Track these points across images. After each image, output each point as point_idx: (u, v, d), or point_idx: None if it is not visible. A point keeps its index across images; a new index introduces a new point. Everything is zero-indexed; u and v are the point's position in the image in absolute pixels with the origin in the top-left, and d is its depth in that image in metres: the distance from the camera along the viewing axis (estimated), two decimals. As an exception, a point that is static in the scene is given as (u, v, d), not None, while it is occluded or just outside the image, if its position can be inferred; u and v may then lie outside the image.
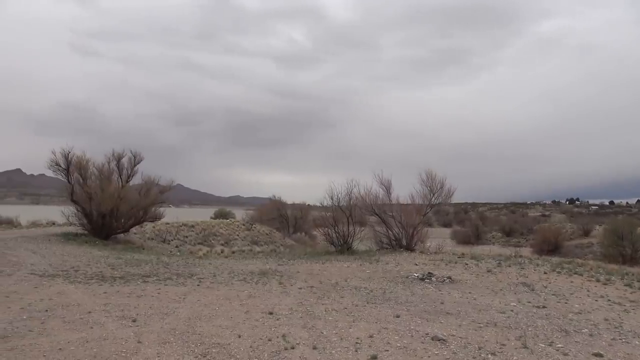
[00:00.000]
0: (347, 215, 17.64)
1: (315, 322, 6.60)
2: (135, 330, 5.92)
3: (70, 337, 5.59)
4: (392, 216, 18.41)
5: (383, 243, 18.53)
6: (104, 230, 19.42)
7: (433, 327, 6.47)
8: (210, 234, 28.98)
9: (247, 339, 5.66)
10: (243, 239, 30.74)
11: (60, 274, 10.28)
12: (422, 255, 16.14)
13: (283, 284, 9.81)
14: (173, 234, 25.77)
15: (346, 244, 17.43)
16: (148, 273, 10.87)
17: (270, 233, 35.07)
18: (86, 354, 4.99)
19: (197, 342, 5.53)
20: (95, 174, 20.13)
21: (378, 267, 12.93)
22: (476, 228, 61.76)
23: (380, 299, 8.47)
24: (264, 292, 8.89)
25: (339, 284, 9.91)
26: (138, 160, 21.34)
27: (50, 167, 19.27)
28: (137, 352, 5.09)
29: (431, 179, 18.61)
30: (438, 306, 7.97)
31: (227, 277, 10.66)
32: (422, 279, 10.80)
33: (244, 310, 7.21)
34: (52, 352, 5.04)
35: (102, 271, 10.93)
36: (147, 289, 8.86)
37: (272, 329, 6.18)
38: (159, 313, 6.91)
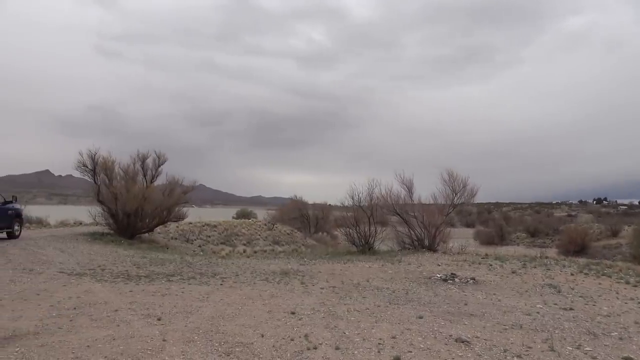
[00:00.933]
0: (368, 215, 17.57)
1: (337, 322, 6.60)
2: (160, 329, 6.02)
3: (97, 334, 5.71)
4: (414, 216, 18.27)
5: (405, 243, 18.40)
6: (129, 230, 19.79)
7: (457, 329, 6.40)
8: (233, 234, 29.26)
9: (270, 339, 5.70)
10: (265, 239, 30.93)
11: (87, 272, 10.53)
12: (445, 256, 15.97)
13: (305, 284, 9.84)
14: (196, 234, 26.12)
15: (368, 244, 17.37)
16: (172, 272, 11.04)
17: (291, 233, 35.22)
18: (113, 352, 5.09)
19: (221, 340, 5.59)
20: (121, 175, 20.53)
21: (400, 267, 12.85)
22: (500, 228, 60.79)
23: (402, 299, 8.42)
24: (286, 291, 8.93)
25: (361, 285, 9.89)
26: (162, 161, 21.69)
27: (78, 168, 19.74)
28: (163, 350, 5.17)
29: (453, 178, 18.40)
30: (462, 307, 7.88)
31: (249, 276, 10.74)
32: (445, 279, 10.69)
33: (266, 310, 7.26)
34: (80, 349, 5.16)
35: (128, 270, 11.14)
36: (171, 287, 9.00)
37: (294, 328, 6.20)
38: (183, 312, 7.01)
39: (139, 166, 21.08)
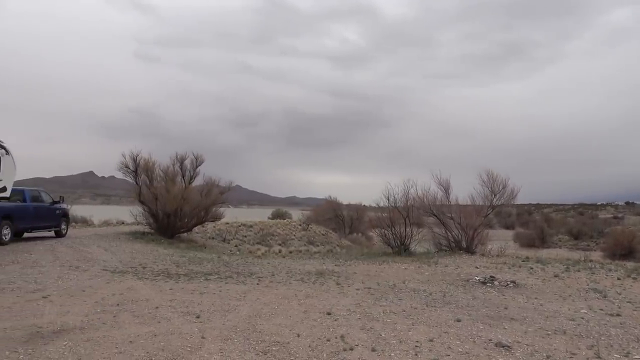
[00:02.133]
0: (404, 216, 17.39)
1: (373, 323, 6.56)
2: (199, 326, 6.15)
3: (139, 330, 5.89)
4: (450, 217, 17.97)
5: (441, 245, 18.12)
6: (169, 230, 20.33)
7: (496, 333, 6.24)
8: (268, 234, 29.57)
9: (306, 339, 5.72)
10: (299, 239, 31.10)
11: (129, 270, 10.87)
12: (483, 258, 15.62)
13: (340, 284, 9.83)
14: (232, 234, 26.55)
15: (403, 245, 17.19)
16: (210, 271, 11.26)
17: (326, 233, 35.26)
18: (154, 347, 5.24)
19: (258, 339, 5.66)
20: (161, 176, 21.13)
21: (437, 269, 12.66)
22: (541, 230, 58.80)
23: (439, 302, 8.28)
24: (322, 292, 8.94)
25: (397, 286, 9.79)
26: (200, 162, 22.17)
27: (120, 169, 20.47)
28: (202, 347, 5.28)
29: (492, 179, 17.98)
30: (501, 311, 7.68)
31: (285, 276, 10.83)
32: (484, 282, 10.44)
33: (302, 310, 7.29)
34: (123, 344, 5.33)
35: (168, 268, 11.44)
36: (209, 286, 9.18)
37: (330, 329, 6.20)
38: (221, 310, 7.13)
39: (177, 167, 21.63)
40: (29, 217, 15.70)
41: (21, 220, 15.28)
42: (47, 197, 17.43)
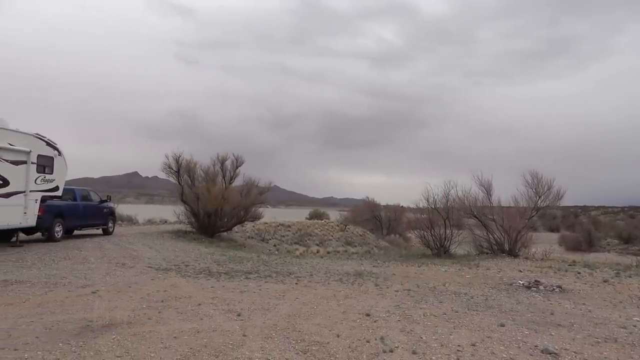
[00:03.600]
0: (444, 217, 17.09)
1: (413, 326, 6.47)
2: (240, 324, 6.25)
3: (183, 326, 6.05)
4: (492, 219, 17.52)
5: (483, 247, 17.70)
6: (210, 229, 20.79)
7: (542, 339, 6.03)
8: (306, 234, 29.71)
9: (346, 339, 5.71)
10: (337, 240, 31.10)
11: (172, 268, 11.18)
12: (527, 262, 15.15)
13: (379, 285, 9.77)
14: (271, 234, 26.83)
15: (443, 247, 16.90)
16: (250, 270, 11.43)
17: (363, 234, 35.11)
18: (198, 344, 5.36)
19: (298, 339, 5.69)
20: (202, 176, 21.64)
21: (478, 272, 12.37)
22: (588, 233, 56.35)
23: (482, 306, 8.08)
24: (360, 293, 8.91)
25: (437, 289, 9.63)
26: (240, 163, 22.56)
27: (164, 170, 21.09)
28: (243, 345, 5.37)
29: (537, 180, 17.41)
30: (547, 317, 7.42)
31: (323, 276, 10.85)
32: (528, 287, 10.12)
33: (341, 310, 7.29)
34: (168, 339, 5.48)
35: (209, 267, 11.69)
36: (249, 285, 9.32)
37: (369, 330, 6.17)
38: (261, 309, 7.22)
39: (218, 168, 22.10)
40: (78, 215, 16.42)
41: (72, 218, 15.99)
42: (96, 196, 18.18)
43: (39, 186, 13.87)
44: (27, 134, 13.54)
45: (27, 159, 13.31)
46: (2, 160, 12.32)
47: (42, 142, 14.10)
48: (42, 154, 13.97)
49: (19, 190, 13.02)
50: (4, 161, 12.39)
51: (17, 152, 12.93)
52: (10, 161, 12.66)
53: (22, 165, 13.13)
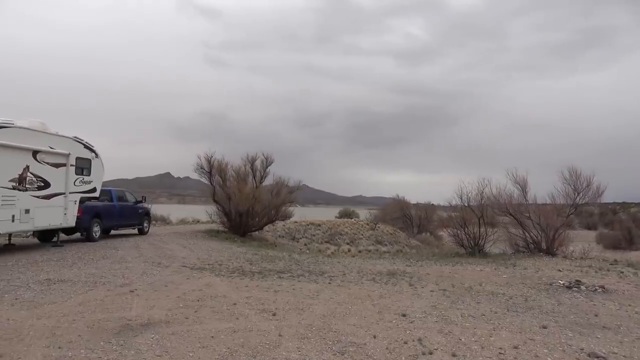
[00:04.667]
0: (478, 215, 16.73)
1: (451, 327, 6.33)
2: (275, 324, 6.24)
3: (219, 326, 6.09)
4: (528, 217, 17.05)
5: (519, 246, 17.26)
6: (241, 228, 21.00)
7: (588, 342, 5.80)
8: (336, 233, 29.69)
9: (383, 340, 5.63)
10: (368, 239, 30.95)
11: (207, 267, 11.31)
12: (566, 261, 14.68)
13: (413, 285, 9.62)
14: (301, 232, 26.93)
15: (477, 246, 16.55)
16: (282, 269, 11.45)
17: (394, 233, 34.83)
18: (235, 343, 5.38)
19: (334, 339, 5.64)
20: (233, 176, 21.88)
21: (515, 272, 12.04)
22: (628, 231, 54.29)
23: (521, 307, 7.85)
24: (395, 293, 8.79)
25: (473, 289, 9.41)
26: (269, 163, 22.72)
27: (196, 170, 21.44)
28: (279, 345, 5.35)
29: (575, 176, 16.83)
30: (591, 318, 7.14)
31: (356, 276, 10.77)
32: (569, 287, 9.78)
33: (376, 311, 7.20)
34: (205, 339, 5.53)
35: (242, 266, 11.78)
36: (282, 284, 9.33)
37: (406, 331, 6.06)
38: (296, 308, 7.21)
39: (249, 168, 22.31)
40: (115, 215, 16.84)
41: (109, 219, 16.41)
42: (131, 197, 18.60)
43: (78, 188, 14.29)
44: (66, 137, 13.95)
45: (67, 162, 13.73)
46: (43, 163, 12.74)
47: (80, 145, 14.52)
48: (80, 156, 14.38)
49: (59, 191, 13.44)
50: (45, 164, 12.81)
51: (57, 155, 13.34)
52: (51, 164, 13.08)
53: (61, 168, 13.54)
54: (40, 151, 12.61)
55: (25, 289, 7.99)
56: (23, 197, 12.04)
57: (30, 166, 12.30)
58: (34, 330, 5.63)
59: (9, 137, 11.54)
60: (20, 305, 6.85)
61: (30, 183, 12.30)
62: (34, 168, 12.43)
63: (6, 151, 11.44)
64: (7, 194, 11.52)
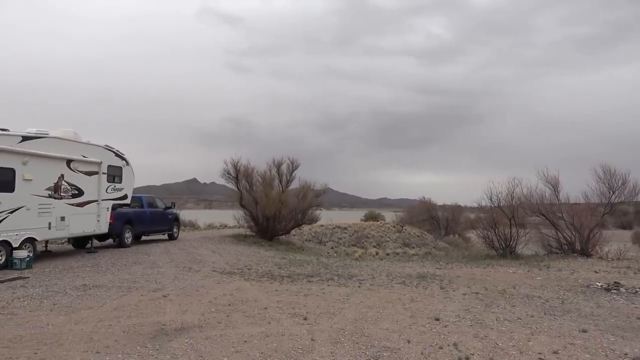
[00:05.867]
0: (508, 216, 16.39)
1: (487, 331, 6.19)
2: (307, 328, 6.22)
3: (252, 330, 6.11)
4: (561, 217, 16.62)
5: (552, 247, 16.85)
6: (268, 232, 21.11)
7: (632, 347, 5.58)
8: (363, 236, 29.54)
9: (417, 345, 5.54)
10: (394, 241, 30.70)
11: (236, 271, 11.40)
12: (602, 262, 14.25)
13: (445, 288, 9.47)
14: (328, 236, 26.88)
15: (509, 247, 16.20)
16: (311, 273, 11.44)
17: (421, 235, 34.45)
18: (268, 348, 5.38)
19: (367, 344, 5.58)
20: (260, 181, 22.01)
21: (550, 273, 11.73)
22: (666, 231, 52.28)
23: (558, 310, 7.63)
24: (426, 296, 8.67)
25: (507, 292, 9.20)
26: (295, 167, 22.77)
27: (223, 175, 21.67)
28: (313, 350, 5.33)
29: (610, 174, 16.34)
30: (633, 322, 6.88)
31: (385, 279, 10.67)
32: (608, 289, 9.46)
33: (408, 315, 7.11)
34: (239, 343, 5.55)
35: (271, 270, 11.82)
36: (312, 288, 9.31)
37: (441, 336, 5.96)
38: (327, 312, 7.17)
39: (275, 172, 22.41)
40: (146, 221, 17.16)
41: (139, 225, 16.74)
42: (161, 203, 18.94)
43: (110, 195, 14.63)
44: (98, 146, 14.32)
45: (99, 170, 14.08)
46: (76, 172, 13.09)
47: (112, 153, 14.87)
48: (111, 164, 14.73)
49: (92, 199, 13.78)
50: (78, 172, 13.17)
51: (90, 163, 13.70)
52: (84, 172, 13.44)
53: (94, 176, 13.89)
54: (74, 160, 12.98)
55: (63, 294, 8.21)
56: (58, 205, 12.40)
57: (65, 175, 12.66)
58: (72, 335, 5.76)
59: (44, 147, 11.91)
60: (59, 311, 7.03)
61: (65, 191, 12.66)
62: (68, 176, 12.79)
63: (42, 161, 11.81)
64: (44, 202, 11.88)
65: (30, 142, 11.50)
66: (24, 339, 5.57)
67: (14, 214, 10.96)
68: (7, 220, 10.78)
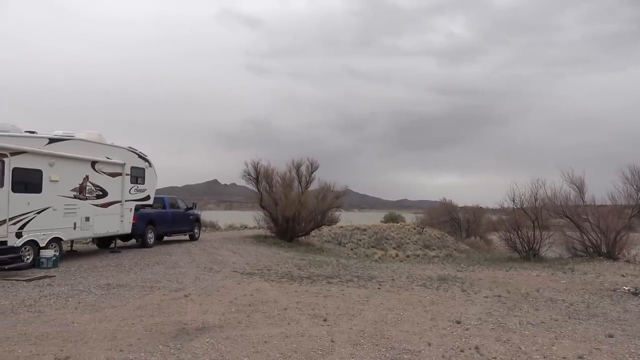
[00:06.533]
0: (532, 218, 16.09)
1: (509, 335, 6.09)
2: (327, 330, 6.22)
3: (272, 331, 6.13)
4: (586, 219, 16.24)
5: (576, 250, 16.47)
6: (288, 233, 21.18)
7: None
8: (382, 238, 29.40)
9: (438, 348, 5.48)
10: (415, 243, 30.47)
11: (256, 272, 11.46)
12: (629, 265, 13.89)
13: (466, 291, 9.35)
14: (348, 237, 26.83)
15: (532, 250, 15.91)
16: (330, 274, 11.43)
17: (442, 237, 34.13)
18: (288, 349, 5.40)
19: (387, 346, 5.55)
20: (279, 182, 22.12)
21: (574, 277, 11.49)
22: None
23: (583, 314, 7.46)
24: (447, 299, 8.57)
25: (530, 295, 9.04)
26: (315, 168, 22.82)
27: (243, 177, 21.84)
28: (332, 351, 5.32)
29: (638, 175, 15.91)
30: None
31: (405, 281, 10.60)
32: (635, 293, 9.21)
33: (428, 317, 7.04)
34: (259, 344, 5.58)
35: (291, 271, 11.85)
36: (331, 289, 9.30)
37: (462, 339, 5.88)
38: (346, 314, 7.16)
39: (294, 173, 22.50)
40: (168, 222, 17.40)
41: (162, 225, 16.98)
42: (183, 204, 19.17)
43: (133, 196, 14.88)
44: (121, 148, 14.58)
45: (122, 171, 14.34)
46: (101, 173, 13.36)
47: (135, 155, 15.13)
48: (134, 165, 14.99)
49: (116, 200, 14.04)
50: (102, 173, 13.43)
51: (114, 164, 13.96)
52: (108, 173, 13.70)
53: (118, 177, 14.16)
54: (98, 161, 13.24)
55: (87, 293, 8.38)
56: (83, 206, 12.67)
57: (90, 176, 12.93)
58: (96, 333, 5.87)
59: (69, 149, 12.19)
60: (83, 309, 7.18)
61: (89, 192, 12.93)
62: (93, 178, 13.06)
63: (68, 162, 12.09)
64: (70, 203, 12.16)
65: (56, 144, 11.79)
66: (50, 336, 5.71)
67: (41, 215, 11.24)
68: (34, 221, 11.06)
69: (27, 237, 10.87)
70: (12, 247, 10.53)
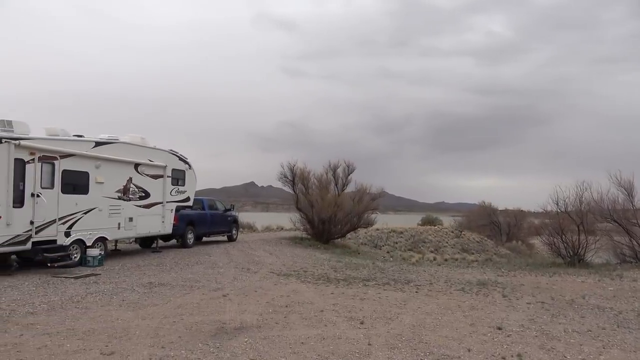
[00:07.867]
0: (577, 222, 15.50)
1: (554, 343, 5.88)
2: (364, 332, 6.19)
3: (309, 332, 6.15)
4: (636, 224, 15.51)
5: (625, 256, 15.76)
6: (324, 235, 21.22)
7: None
8: (419, 241, 29.03)
9: (478, 354, 5.36)
10: (453, 247, 29.93)
11: (292, 273, 11.54)
12: (684, 273, 13.12)
13: (507, 297, 9.09)
14: (384, 240, 26.64)
15: (577, 255, 15.32)
16: (367, 277, 11.37)
17: (481, 241, 33.37)
18: (325, 350, 5.40)
19: (425, 351, 5.47)
20: (315, 184, 22.20)
21: (623, 284, 10.97)
22: None
23: (634, 323, 7.11)
24: (487, 304, 8.36)
25: (576, 302, 8.70)
26: (351, 170, 22.80)
27: (280, 179, 22.05)
28: (369, 355, 5.29)
29: (692, 178, 15.06)
30: None
31: (444, 285, 10.41)
32: (691, 302, 8.71)
33: (468, 323, 6.89)
34: (296, 345, 5.61)
35: (327, 273, 11.87)
36: (368, 292, 9.25)
37: (503, 345, 5.72)
38: (383, 317, 7.10)
39: (331, 175, 22.52)
40: (207, 223, 17.77)
41: (201, 226, 17.36)
42: (221, 205, 19.55)
43: (174, 197, 15.29)
44: (163, 151, 15.01)
45: (164, 173, 14.76)
46: (143, 175, 13.80)
47: (176, 157, 15.55)
48: (175, 168, 15.40)
49: (157, 201, 14.46)
50: (145, 175, 13.87)
51: (156, 167, 14.39)
52: (150, 175, 14.14)
53: (159, 179, 14.58)
54: (141, 164, 13.69)
55: (131, 291, 8.66)
56: (127, 207, 13.12)
57: (133, 178, 13.38)
58: (139, 330, 6.06)
59: (114, 152, 12.66)
60: (127, 307, 7.42)
61: (133, 193, 13.38)
62: (136, 179, 13.51)
63: (112, 164, 12.55)
64: (114, 204, 12.62)
65: (102, 147, 12.27)
66: (96, 332, 5.93)
67: (87, 215, 11.71)
68: (81, 221, 11.54)
69: (74, 237, 11.36)
70: (61, 246, 11.02)
